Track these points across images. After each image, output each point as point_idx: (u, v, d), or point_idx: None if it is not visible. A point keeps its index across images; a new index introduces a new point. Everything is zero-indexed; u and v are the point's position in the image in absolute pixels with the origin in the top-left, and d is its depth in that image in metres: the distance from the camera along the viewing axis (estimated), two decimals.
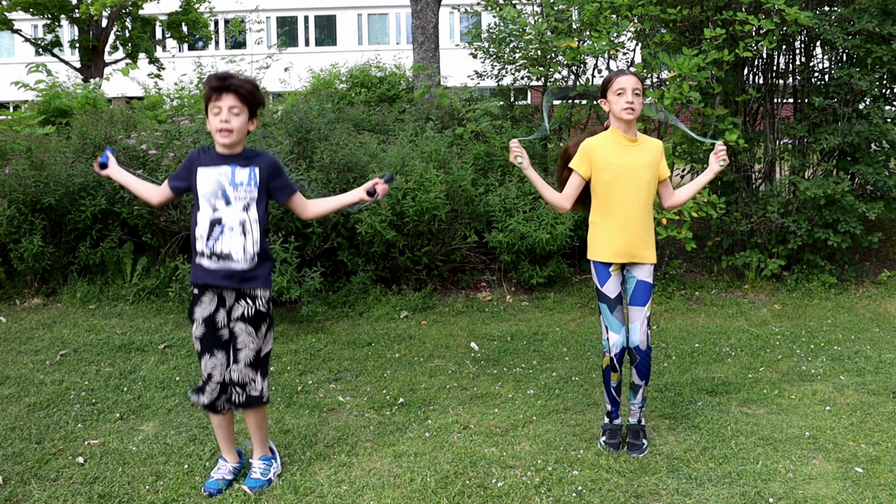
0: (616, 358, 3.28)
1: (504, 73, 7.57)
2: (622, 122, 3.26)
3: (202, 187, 2.86)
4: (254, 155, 2.93)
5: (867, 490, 2.94)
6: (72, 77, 11.48)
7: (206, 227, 2.85)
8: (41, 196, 5.71)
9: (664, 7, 5.67)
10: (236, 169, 2.86)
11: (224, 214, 2.84)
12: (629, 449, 3.32)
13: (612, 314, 3.27)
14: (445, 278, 6.17)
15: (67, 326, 5.21)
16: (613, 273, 3.28)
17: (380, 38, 26.95)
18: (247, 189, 2.86)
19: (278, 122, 7.07)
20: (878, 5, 5.87)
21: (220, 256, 2.84)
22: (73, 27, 17.69)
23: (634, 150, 3.28)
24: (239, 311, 2.90)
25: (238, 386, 2.92)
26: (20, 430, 3.50)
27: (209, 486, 2.96)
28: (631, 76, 3.23)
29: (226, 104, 2.80)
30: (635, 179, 3.24)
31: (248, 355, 2.91)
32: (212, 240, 2.84)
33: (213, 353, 2.91)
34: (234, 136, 2.84)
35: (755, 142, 6.49)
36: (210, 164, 2.88)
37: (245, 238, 2.86)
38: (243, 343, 2.91)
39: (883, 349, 4.77)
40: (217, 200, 2.85)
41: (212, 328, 2.90)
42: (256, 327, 2.91)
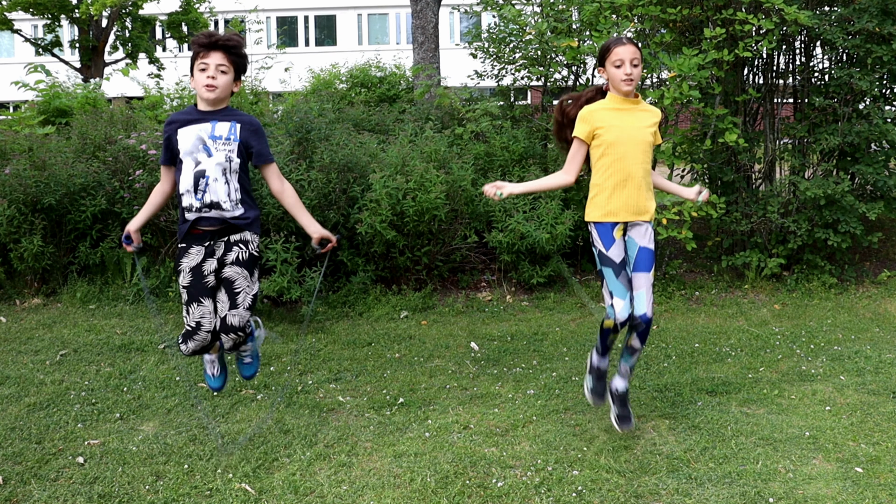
0: (620, 324, 3.23)
1: (504, 73, 7.57)
2: (620, 93, 3.28)
3: (183, 145, 2.91)
4: (235, 112, 3.00)
5: (867, 490, 2.94)
6: (72, 77, 11.48)
7: (191, 181, 2.90)
8: (41, 196, 5.71)
9: (664, 7, 5.67)
10: (216, 123, 2.92)
11: (206, 165, 2.90)
12: (619, 422, 3.29)
13: (618, 279, 3.21)
14: (445, 278, 6.17)
15: (67, 326, 5.21)
16: (617, 237, 3.25)
17: (380, 38, 26.95)
18: (226, 142, 2.92)
19: (278, 122, 7.08)
20: (878, 5, 5.87)
21: (211, 206, 2.90)
22: (73, 27, 17.70)
23: (634, 112, 3.30)
24: (233, 256, 2.95)
25: (239, 330, 2.97)
26: (20, 430, 3.50)
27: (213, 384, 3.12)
28: (629, 46, 3.22)
29: (213, 61, 2.86)
30: (637, 141, 3.25)
31: (245, 298, 2.96)
32: (199, 192, 2.90)
33: (201, 301, 2.94)
34: (220, 91, 2.89)
35: (755, 142, 6.49)
36: (190, 122, 2.93)
37: (228, 185, 2.92)
38: (241, 286, 2.95)
39: (883, 349, 4.77)
40: (198, 154, 2.90)
41: (199, 276, 2.94)
42: (251, 271, 2.98)
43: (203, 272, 2.93)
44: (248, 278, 2.96)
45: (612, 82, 3.27)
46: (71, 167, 5.93)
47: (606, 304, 3.27)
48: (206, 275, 2.94)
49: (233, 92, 2.97)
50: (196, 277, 2.93)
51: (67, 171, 5.85)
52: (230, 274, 2.94)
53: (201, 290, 2.94)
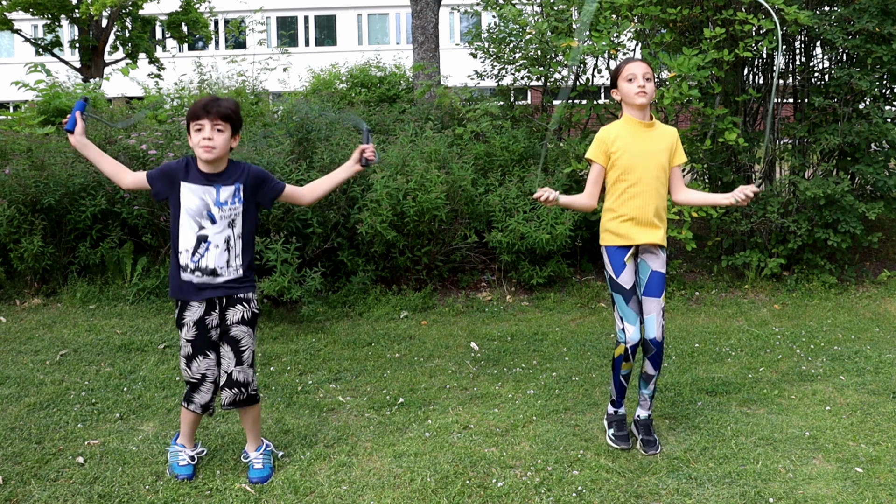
0: (631, 350, 3.23)
1: (504, 73, 7.57)
2: (635, 107, 3.24)
3: (186, 204, 2.92)
4: (235, 170, 2.99)
5: (867, 490, 2.94)
6: (72, 77, 11.48)
7: (191, 242, 2.91)
8: (41, 196, 5.71)
9: (664, 7, 5.67)
10: (220, 188, 2.93)
11: (209, 232, 2.92)
12: (645, 446, 3.27)
13: (628, 305, 3.23)
14: (445, 278, 6.17)
15: (67, 326, 5.21)
16: (628, 262, 3.25)
17: (380, 38, 26.95)
18: (231, 207, 2.94)
19: (278, 123, 7.08)
20: (878, 5, 5.87)
21: (205, 272, 2.92)
22: (73, 27, 17.70)
23: (650, 134, 3.27)
24: (237, 316, 2.99)
25: (242, 386, 3.00)
26: (20, 430, 3.50)
27: (182, 472, 3.04)
28: (640, 62, 3.23)
29: (208, 122, 2.87)
30: (651, 164, 3.23)
31: (249, 356, 3.01)
32: (197, 255, 2.91)
33: (207, 355, 2.98)
34: (218, 151, 2.89)
35: (755, 142, 6.50)
36: (195, 182, 2.92)
37: (229, 253, 2.95)
38: (245, 345, 3.00)
39: (883, 349, 4.77)
40: (202, 220, 2.92)
41: (203, 330, 2.96)
42: (253, 328, 3.04)
43: (207, 326, 2.96)
44: (251, 335, 3.02)
45: (626, 98, 3.24)
46: (71, 167, 5.93)
47: (617, 328, 3.28)
48: (210, 329, 2.97)
49: (231, 148, 2.95)
50: (201, 331, 2.95)
51: (67, 171, 5.85)
52: (236, 333, 2.98)
53: (207, 344, 2.97)
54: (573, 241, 6.02)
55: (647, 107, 3.26)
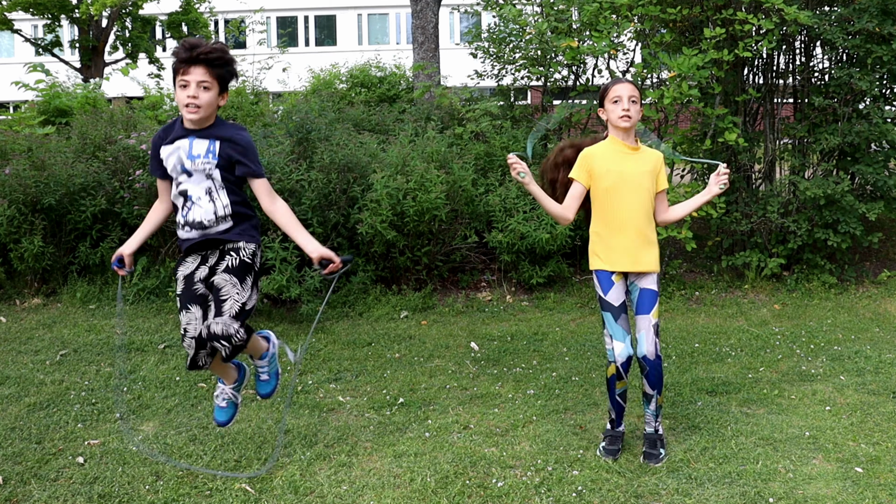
0: (622, 367, 3.19)
1: (504, 73, 7.57)
2: (619, 129, 3.24)
3: (168, 164, 2.82)
4: (220, 127, 2.81)
5: (867, 490, 2.94)
6: (72, 77, 11.48)
7: (178, 199, 2.84)
8: (41, 196, 5.71)
9: (664, 7, 5.67)
10: (194, 141, 2.77)
11: (188, 186, 2.80)
12: (646, 458, 3.23)
13: (617, 322, 3.20)
14: (445, 278, 6.17)
15: (67, 326, 5.21)
16: (617, 281, 3.23)
17: (380, 38, 26.95)
18: (204, 161, 2.76)
19: (279, 123, 7.08)
20: (878, 5, 5.87)
21: (194, 226, 2.82)
22: (73, 27, 17.70)
23: (634, 157, 3.25)
24: (224, 264, 2.83)
25: (223, 339, 2.73)
26: (20, 430, 3.50)
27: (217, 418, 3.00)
28: (627, 84, 3.21)
29: (194, 78, 2.67)
30: (635, 187, 3.21)
31: (232, 306, 2.75)
32: (185, 210, 2.82)
33: (189, 308, 2.83)
34: (203, 111, 2.72)
35: (755, 142, 6.49)
36: (171, 141, 2.81)
37: (214, 204, 2.80)
38: (227, 293, 2.76)
39: (883, 349, 4.77)
40: (180, 175, 2.80)
41: (189, 283, 2.86)
42: (241, 278, 2.79)
43: (193, 279, 2.86)
44: (238, 285, 2.78)
45: (611, 120, 3.25)
46: (71, 167, 5.93)
47: (607, 347, 3.24)
48: (196, 282, 2.86)
49: (219, 106, 2.79)
50: (187, 285, 2.86)
51: (67, 171, 5.85)
52: (218, 280, 2.79)
53: (189, 297, 2.84)
54: (573, 241, 6.02)
55: (633, 130, 3.25)
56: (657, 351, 3.18)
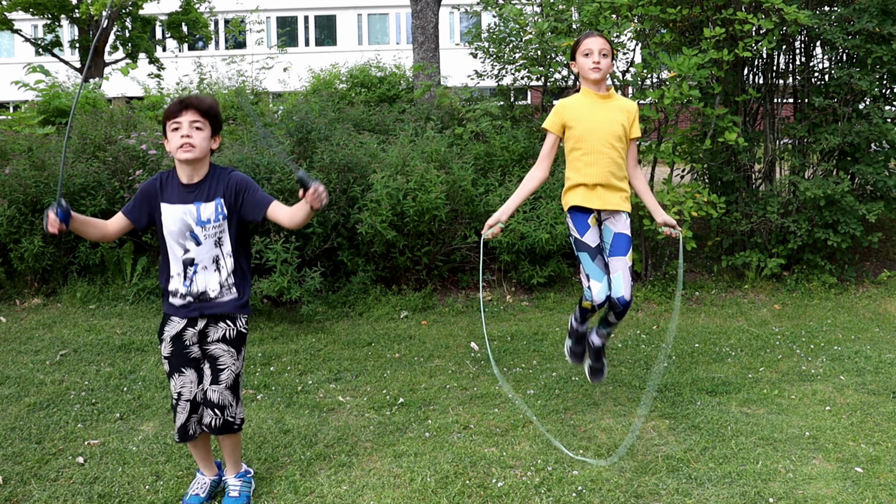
0: (598, 306, 3.32)
1: (504, 73, 7.57)
2: (590, 81, 3.36)
3: (168, 227, 2.71)
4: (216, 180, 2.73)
5: (867, 490, 2.94)
6: (72, 77, 11.48)
7: (180, 267, 2.72)
8: (41, 196, 5.71)
9: (664, 7, 5.67)
10: (201, 206, 2.70)
11: (195, 254, 2.71)
12: (591, 374, 3.47)
13: (594, 262, 3.31)
14: (445, 278, 6.17)
15: (67, 326, 5.21)
16: (592, 224, 3.35)
17: (380, 38, 26.95)
18: (215, 225, 2.71)
19: (279, 122, 7.08)
20: (878, 5, 5.87)
21: (195, 297, 2.73)
22: (73, 27, 17.70)
23: (606, 105, 3.37)
24: (219, 333, 2.76)
25: (217, 408, 2.75)
26: (20, 430, 3.50)
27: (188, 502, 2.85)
28: (598, 37, 3.33)
29: (186, 119, 2.65)
30: (606, 133, 3.33)
31: (229, 377, 2.77)
32: (187, 280, 2.72)
33: (182, 372, 2.75)
34: (197, 151, 2.65)
35: (755, 142, 6.49)
36: (174, 201, 2.70)
37: (220, 273, 2.74)
38: (225, 364, 2.77)
39: (883, 349, 4.77)
40: (187, 242, 2.71)
41: (180, 345, 2.75)
42: (237, 349, 2.79)
43: (185, 341, 2.75)
44: (234, 356, 2.77)
45: (582, 72, 3.37)
46: (71, 167, 5.93)
47: (584, 286, 3.35)
48: (189, 345, 2.75)
49: (212, 150, 2.73)
50: (177, 347, 2.74)
51: (67, 171, 5.85)
52: (215, 350, 2.75)
53: (183, 361, 2.75)
54: None
55: (603, 81, 3.37)
56: (632, 292, 3.33)
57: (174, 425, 2.80)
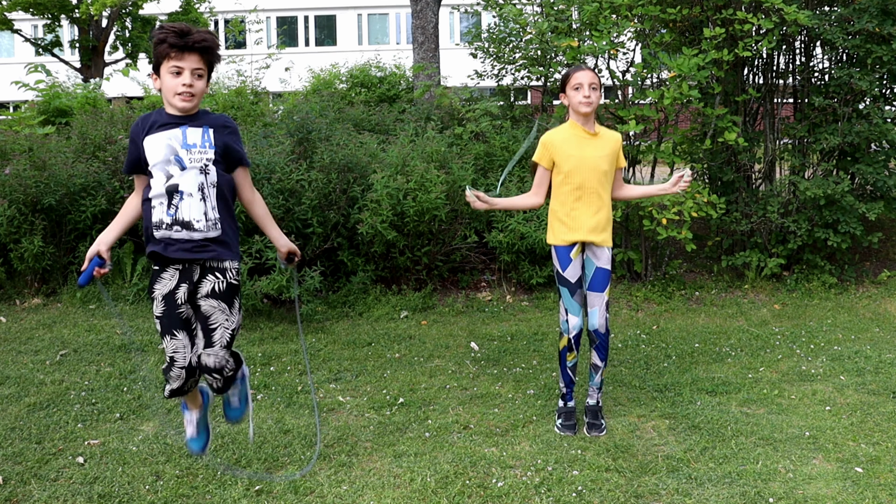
0: (574, 339, 3.49)
1: (504, 73, 7.57)
2: (580, 115, 3.45)
3: (153, 156, 2.56)
4: (205, 114, 2.64)
5: (867, 490, 2.94)
6: (72, 77, 11.49)
7: (163, 195, 2.55)
8: (42, 196, 5.71)
9: (664, 7, 5.67)
10: (187, 130, 2.57)
11: (181, 180, 2.55)
12: (589, 429, 3.50)
13: (573, 298, 3.47)
14: (445, 278, 6.17)
15: (67, 326, 5.21)
16: (574, 258, 3.46)
17: (380, 38, 26.95)
18: (201, 150, 2.57)
19: (279, 122, 7.08)
20: (878, 5, 5.87)
21: (182, 224, 2.55)
22: (73, 27, 17.70)
23: (593, 141, 3.48)
24: (208, 287, 2.61)
25: (215, 372, 2.63)
26: (20, 430, 3.50)
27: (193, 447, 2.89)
28: (588, 71, 3.41)
29: (189, 65, 2.50)
30: (593, 169, 3.44)
31: (223, 335, 2.62)
32: (171, 208, 2.55)
33: (175, 334, 2.62)
34: (196, 100, 2.56)
35: (755, 142, 6.49)
36: (157, 130, 2.56)
37: (205, 203, 2.57)
38: (216, 320, 2.61)
39: (883, 349, 4.77)
40: (171, 166, 2.55)
41: (172, 305, 2.62)
42: (230, 303, 2.63)
43: (177, 300, 2.61)
44: (227, 311, 2.62)
45: (572, 105, 3.45)
46: (71, 167, 5.93)
47: (561, 319, 3.52)
48: (181, 304, 2.62)
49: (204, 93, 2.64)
50: (169, 307, 2.61)
51: (67, 171, 5.86)
52: (206, 308, 2.60)
53: (175, 322, 2.62)
54: None
55: (593, 114, 3.47)
56: (607, 325, 3.52)
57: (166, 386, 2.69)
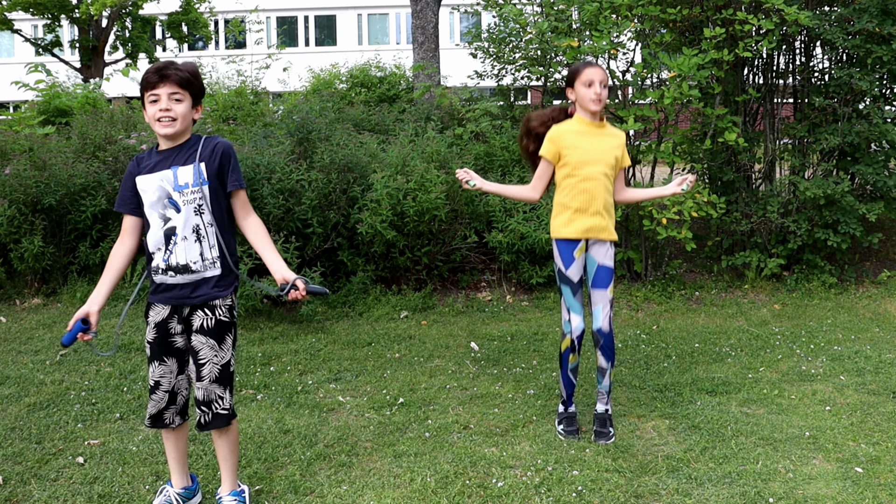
0: (577, 340, 3.41)
1: (504, 73, 7.57)
2: (588, 112, 3.42)
3: (147, 197, 2.58)
4: (197, 145, 2.60)
5: (867, 490, 2.94)
6: (72, 77, 11.49)
7: (161, 239, 2.58)
8: (42, 196, 5.71)
9: (664, 7, 5.67)
10: (178, 170, 2.56)
11: (177, 223, 2.57)
12: (596, 437, 3.43)
13: (574, 297, 3.41)
14: (445, 278, 6.17)
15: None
16: (577, 256, 3.41)
17: (380, 38, 26.95)
18: (193, 189, 2.56)
19: (279, 122, 7.08)
20: (878, 5, 5.87)
21: (176, 270, 2.58)
22: (73, 27, 17.70)
23: (600, 133, 3.45)
24: (198, 322, 2.61)
25: (203, 405, 2.62)
26: (20, 430, 3.50)
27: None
28: (599, 69, 3.38)
29: (164, 91, 2.52)
30: (599, 162, 3.40)
31: (212, 371, 2.61)
32: (167, 252, 2.58)
33: (164, 361, 2.64)
34: (178, 124, 2.54)
35: (755, 142, 6.49)
36: (148, 171, 2.58)
37: (201, 244, 2.59)
38: (206, 357, 2.61)
39: (883, 349, 4.77)
40: (166, 210, 2.57)
41: (164, 334, 2.63)
42: (219, 339, 2.62)
43: (169, 330, 2.63)
44: (216, 347, 2.61)
45: (581, 102, 3.41)
46: (71, 167, 5.93)
47: (563, 320, 3.46)
48: (173, 334, 2.64)
49: (194, 120, 2.61)
50: (161, 334, 2.63)
51: (67, 171, 5.85)
52: (195, 343, 2.61)
53: (165, 349, 2.63)
54: None
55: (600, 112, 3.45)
56: (611, 324, 3.41)
57: (146, 412, 2.68)
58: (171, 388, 2.67)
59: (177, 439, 2.76)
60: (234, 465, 2.77)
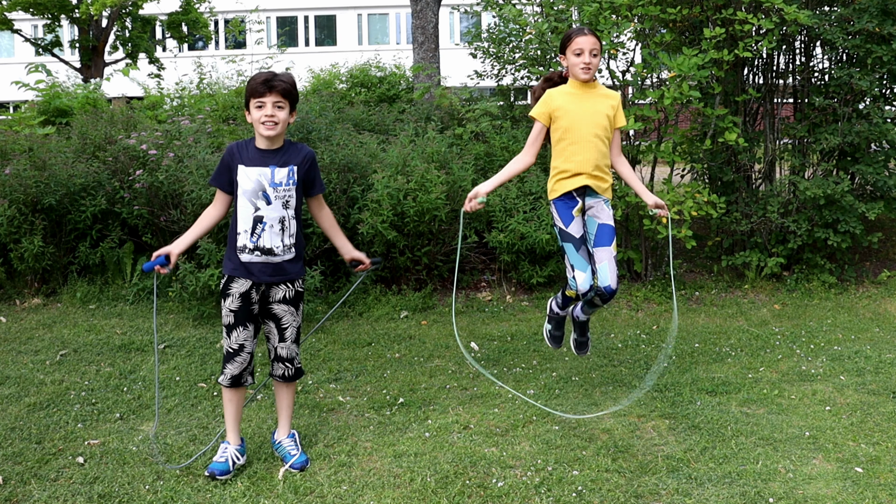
0: (582, 295, 3.44)
1: (504, 73, 7.57)
2: (578, 80, 3.45)
3: (243, 185, 3.03)
4: (291, 150, 3.09)
5: (867, 490, 2.94)
6: (72, 77, 11.49)
7: (249, 223, 3.02)
8: (42, 196, 5.71)
9: (664, 7, 5.67)
10: (275, 170, 3.03)
11: (265, 212, 3.02)
12: (577, 348, 3.56)
13: (578, 252, 3.42)
14: (445, 278, 6.17)
15: (67, 326, 5.21)
16: (576, 216, 3.43)
17: (380, 38, 26.96)
18: (286, 189, 3.04)
19: None
20: (878, 5, 5.87)
21: (263, 251, 3.03)
22: (73, 27, 17.71)
23: (592, 95, 3.46)
24: (280, 294, 3.10)
25: (287, 361, 3.16)
26: (20, 430, 3.50)
27: (215, 467, 3.01)
28: (589, 36, 3.39)
29: (270, 100, 2.97)
30: (592, 122, 3.42)
31: (292, 333, 3.16)
32: (255, 235, 3.02)
33: (247, 326, 3.07)
34: (279, 128, 3.00)
35: (755, 142, 6.49)
36: (251, 164, 3.03)
37: (284, 233, 3.05)
38: (288, 322, 3.14)
39: (883, 349, 4.77)
40: (258, 200, 3.02)
41: (247, 302, 3.05)
42: (297, 307, 3.16)
43: (251, 299, 3.06)
44: (294, 313, 3.15)
45: (571, 70, 3.44)
46: (71, 167, 5.93)
47: (569, 276, 3.45)
48: (254, 302, 3.08)
49: (289, 123, 3.07)
50: (245, 303, 3.05)
51: (67, 171, 5.85)
52: (278, 311, 3.12)
53: (248, 316, 3.07)
54: None
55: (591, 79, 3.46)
56: (618, 280, 3.44)
57: (224, 373, 3.08)
58: (252, 352, 3.11)
59: (240, 400, 3.17)
60: (291, 412, 3.30)
